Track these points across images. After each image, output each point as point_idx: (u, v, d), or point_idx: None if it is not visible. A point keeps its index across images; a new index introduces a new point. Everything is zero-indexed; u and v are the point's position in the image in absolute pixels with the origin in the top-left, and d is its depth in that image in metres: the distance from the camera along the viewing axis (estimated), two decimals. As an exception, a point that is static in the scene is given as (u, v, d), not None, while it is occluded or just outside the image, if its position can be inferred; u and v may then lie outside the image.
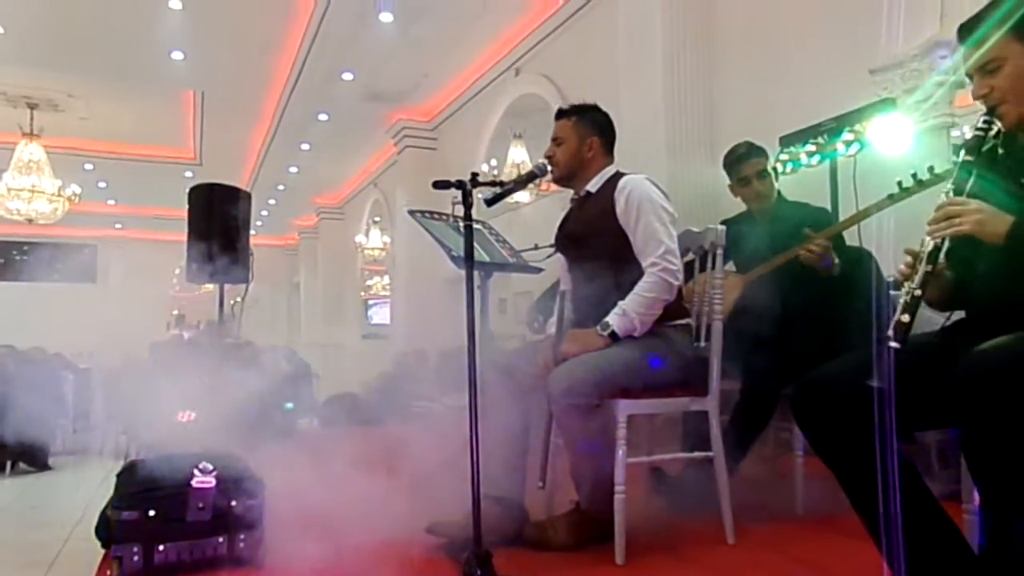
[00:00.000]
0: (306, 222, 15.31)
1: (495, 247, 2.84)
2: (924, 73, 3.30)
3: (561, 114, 2.29)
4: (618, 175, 2.20)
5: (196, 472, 1.81)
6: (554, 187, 6.67)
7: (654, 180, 2.17)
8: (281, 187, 12.60)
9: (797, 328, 2.32)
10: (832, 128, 3.23)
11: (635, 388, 1.98)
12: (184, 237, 4.17)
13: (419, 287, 9.50)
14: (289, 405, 4.15)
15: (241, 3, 6.72)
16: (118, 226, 15.93)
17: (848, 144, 3.14)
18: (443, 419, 5.63)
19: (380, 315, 15.04)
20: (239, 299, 4.52)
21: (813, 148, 3.26)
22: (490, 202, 2.01)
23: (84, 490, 6.17)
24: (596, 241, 2.14)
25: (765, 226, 2.65)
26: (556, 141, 2.27)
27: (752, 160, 2.64)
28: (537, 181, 2.15)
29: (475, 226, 2.66)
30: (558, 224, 2.38)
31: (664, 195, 2.13)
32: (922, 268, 1.29)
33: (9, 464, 5.04)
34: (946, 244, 1.36)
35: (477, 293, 3.30)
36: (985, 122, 1.46)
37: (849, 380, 1.35)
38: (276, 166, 11.65)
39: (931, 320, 1.55)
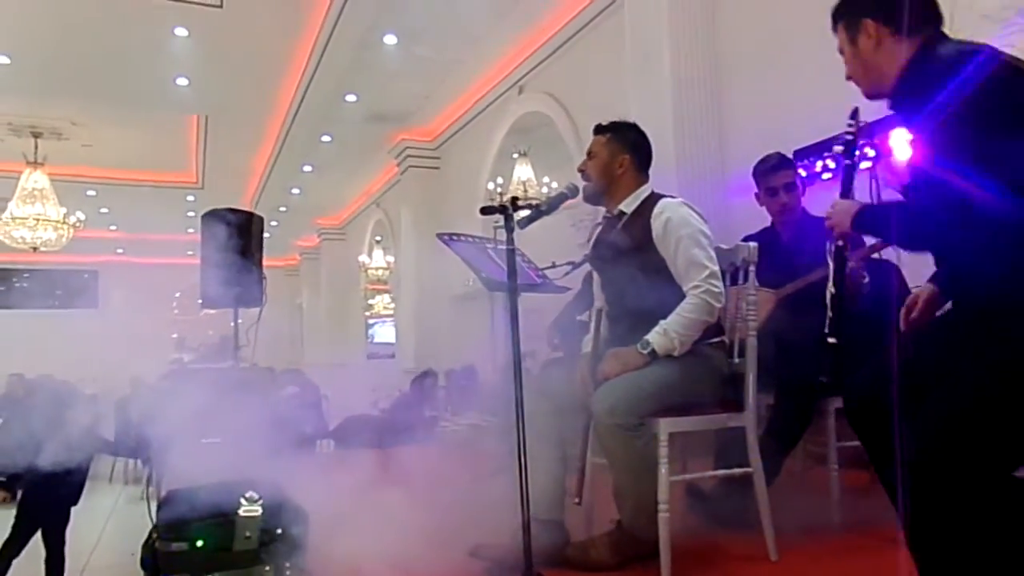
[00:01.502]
0: (308, 243, 15.35)
1: (523, 268, 2.85)
2: (936, 85, 3.34)
3: (598, 130, 2.31)
4: (654, 196, 2.21)
5: (243, 501, 1.81)
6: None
7: (690, 203, 2.19)
8: (283, 208, 12.65)
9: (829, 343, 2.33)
10: (848, 141, 3.26)
11: (675, 406, 1.98)
12: (185, 261, 4.19)
13: (425, 306, 9.51)
14: (308, 428, 4.14)
15: (246, 28, 6.79)
16: (119, 251, 15.94)
17: (864, 158, 3.16)
18: (462, 438, 5.63)
19: (382, 334, 15.02)
20: (255, 323, 4.51)
21: (830, 162, 3.29)
22: (524, 225, 2.02)
23: (97, 518, 6.14)
24: (632, 261, 2.15)
25: (790, 241, 2.66)
26: (589, 155, 2.29)
27: (781, 172, 2.67)
28: (567, 202, 2.17)
29: (503, 248, 2.69)
30: (592, 241, 2.39)
31: (701, 217, 2.15)
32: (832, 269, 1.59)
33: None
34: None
35: (506, 314, 3.32)
36: (850, 125, 1.59)
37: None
38: (278, 188, 11.71)
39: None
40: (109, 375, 11.03)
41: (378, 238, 12.36)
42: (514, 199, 1.86)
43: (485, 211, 1.81)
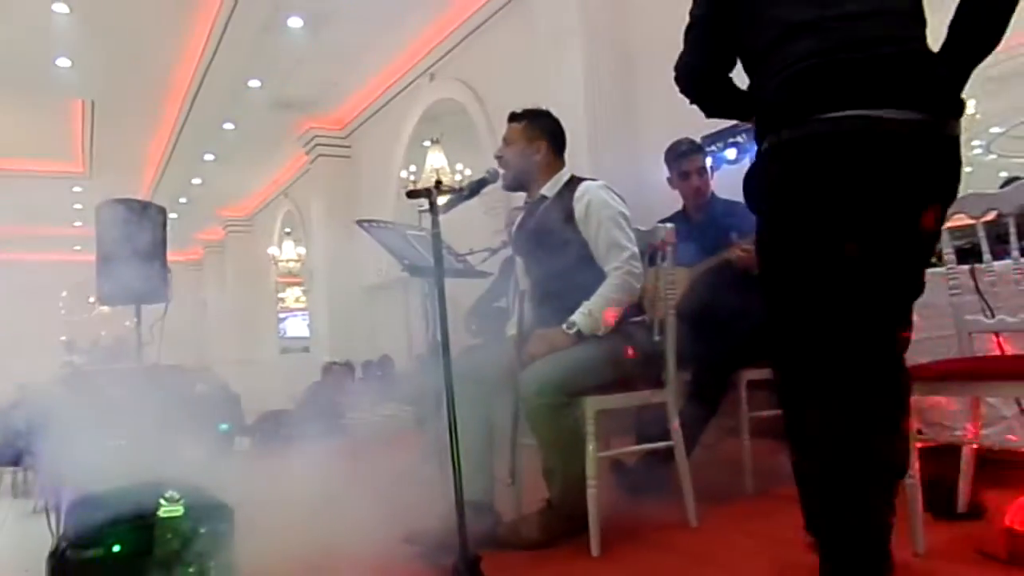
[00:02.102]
0: (212, 235, 14.65)
1: (444, 254, 2.84)
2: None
3: (513, 117, 2.33)
4: (575, 180, 2.26)
5: (162, 501, 1.73)
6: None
7: (610, 186, 2.25)
8: (184, 200, 12.02)
9: (740, 318, 2.45)
10: (751, 128, 3.43)
11: (601, 384, 2.04)
12: (72, 257, 3.93)
13: (338, 297, 9.32)
14: (224, 426, 3.98)
15: (136, 6, 6.36)
16: (-5, 247, 14.68)
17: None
18: (381, 429, 5.56)
19: (294, 328, 14.59)
20: (159, 319, 4.28)
21: (735, 147, 3.45)
22: (445, 209, 2.02)
23: (-19, 535, 5.66)
24: (555, 243, 2.19)
25: (701, 224, 2.78)
26: (506, 142, 2.31)
27: (692, 156, 2.78)
28: (486, 187, 2.18)
29: (423, 234, 2.67)
30: (515, 225, 2.42)
31: (621, 200, 2.21)
32: None
33: None
34: None
35: (426, 301, 3.30)
36: None
37: None
38: (177, 178, 11.09)
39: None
40: (-9, 382, 10.18)
41: (287, 229, 11.97)
42: (438, 182, 1.86)
43: (412, 195, 1.80)
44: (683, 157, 2.80)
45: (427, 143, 7.74)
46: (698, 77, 1.59)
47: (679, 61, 1.60)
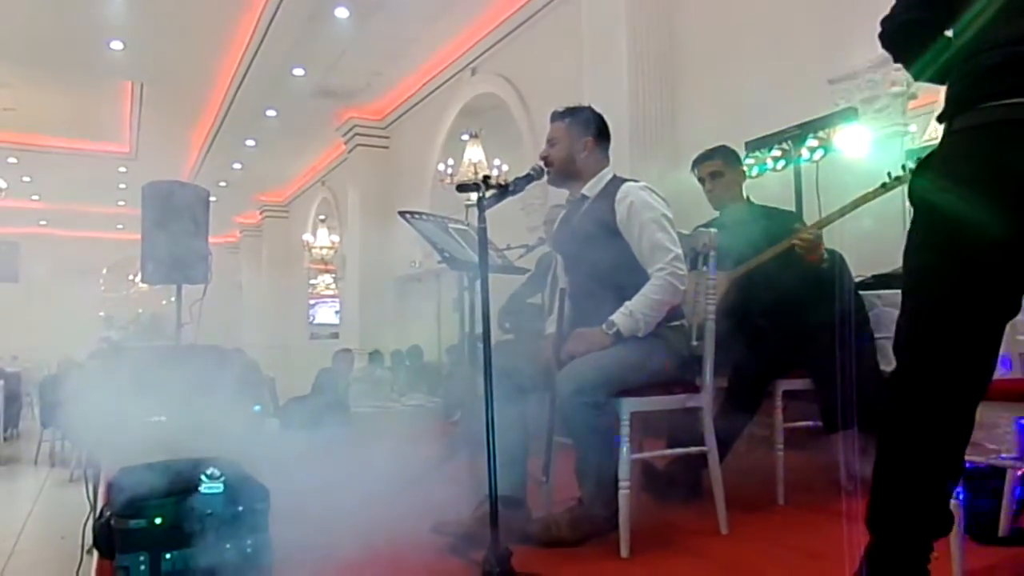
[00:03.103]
0: (249, 219, 14.91)
1: (485, 248, 2.86)
2: (880, 84, 3.50)
3: (556, 116, 2.32)
4: (616, 180, 2.25)
5: (203, 478, 1.77)
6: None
7: (652, 187, 2.23)
8: (224, 183, 12.23)
9: (779, 326, 2.43)
10: (797, 135, 3.39)
11: (637, 386, 2.04)
12: (114, 235, 4.03)
13: (371, 286, 9.42)
14: (257, 407, 4.05)
15: (189, -8, 6.50)
16: (43, 223, 15.13)
17: (812, 150, 3.30)
18: (409, 417, 5.61)
19: (323, 315, 14.77)
20: (198, 300, 4.37)
21: (779, 153, 3.41)
22: (490, 204, 2.02)
23: (21, 501, 5.86)
24: (596, 244, 2.18)
25: (733, 226, 2.74)
26: (551, 142, 2.30)
27: (707, 162, 2.75)
28: (533, 183, 2.18)
29: (464, 227, 2.69)
30: (556, 224, 2.42)
31: (664, 201, 2.20)
32: None
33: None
34: None
35: (462, 294, 3.32)
36: None
37: None
38: (219, 162, 11.31)
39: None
40: (34, 352, 10.49)
41: (322, 217, 12.11)
42: (486, 177, 1.86)
43: (461, 188, 1.81)
44: (700, 161, 2.79)
45: (465, 137, 7.77)
46: (912, 33, 1.40)
47: (890, 16, 1.42)
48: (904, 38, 1.43)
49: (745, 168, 3.50)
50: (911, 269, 1.31)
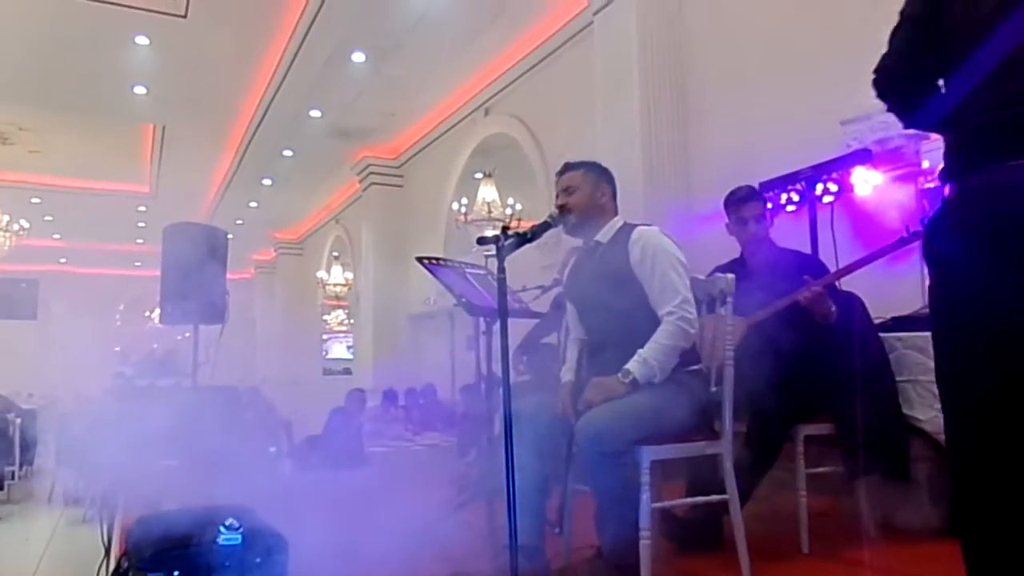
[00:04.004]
0: (263, 256, 15.08)
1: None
2: (892, 125, 3.51)
3: (569, 167, 2.36)
4: (627, 226, 2.28)
5: (222, 529, 1.77)
6: (524, 226, 6.75)
7: (665, 231, 2.25)
8: (240, 221, 12.41)
9: (799, 370, 2.41)
10: (810, 176, 3.40)
11: (657, 434, 2.02)
12: (131, 272, 4.08)
13: (384, 324, 9.44)
14: (272, 449, 4.05)
15: (211, 40, 6.69)
16: (62, 260, 15.37)
17: (827, 192, 3.31)
18: (423, 457, 5.57)
19: (336, 350, 14.81)
20: (216, 340, 4.40)
21: (793, 195, 3.42)
22: (508, 251, 2.04)
23: (35, 541, 5.83)
24: (611, 290, 2.19)
25: (757, 271, 2.75)
26: (568, 191, 2.32)
27: (751, 203, 2.76)
28: (549, 230, 2.21)
29: (481, 272, 2.71)
30: (568, 271, 2.43)
31: (677, 246, 2.21)
32: None
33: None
34: None
35: (476, 334, 3.33)
36: None
37: None
38: (236, 200, 11.49)
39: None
40: (49, 389, 10.55)
41: (336, 254, 12.23)
42: (505, 228, 1.88)
43: (481, 241, 1.84)
44: (742, 203, 2.78)
45: (479, 175, 7.87)
46: (903, 83, 1.40)
47: (881, 64, 1.42)
48: (893, 88, 1.42)
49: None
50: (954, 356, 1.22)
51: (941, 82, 1.36)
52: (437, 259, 2.64)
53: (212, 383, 4.67)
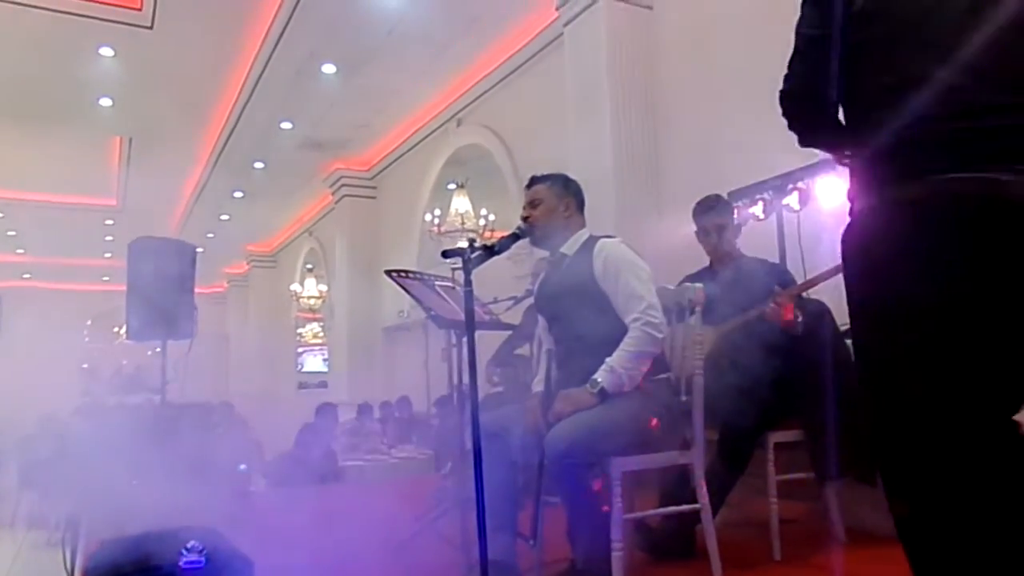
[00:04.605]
0: (236, 269, 14.89)
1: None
2: (855, 135, 3.58)
3: (535, 180, 2.38)
4: (592, 239, 2.30)
5: (184, 552, 1.73)
6: (498, 236, 6.76)
7: (627, 243, 2.28)
8: (211, 235, 12.25)
9: (768, 378, 2.43)
10: (778, 185, 3.45)
11: (627, 444, 2.02)
12: (99, 287, 3.99)
13: (359, 336, 9.37)
14: (242, 467, 3.98)
15: (178, 52, 6.60)
16: (26, 276, 15.01)
17: (794, 201, 3.35)
18: (398, 470, 5.52)
19: (311, 363, 14.64)
20: (184, 355, 4.32)
21: (761, 203, 3.46)
22: (475, 264, 2.03)
23: (-1, 566, 5.65)
24: (577, 302, 2.20)
25: (726, 280, 2.77)
26: (533, 204, 2.34)
27: (720, 212, 2.78)
28: (518, 242, 2.21)
29: (450, 285, 2.70)
30: (537, 284, 2.44)
31: (638, 256, 2.24)
32: None
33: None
34: None
35: (447, 347, 3.31)
36: None
37: None
38: (206, 213, 11.34)
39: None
40: (12, 408, 10.28)
41: (310, 266, 12.12)
42: (471, 241, 1.88)
43: (447, 254, 1.83)
44: (704, 213, 2.81)
45: (452, 186, 7.86)
46: (808, 102, 1.39)
47: (787, 83, 1.42)
48: (793, 107, 1.42)
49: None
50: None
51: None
52: (407, 272, 2.63)
53: (182, 400, 4.58)
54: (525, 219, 2.33)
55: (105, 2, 5.96)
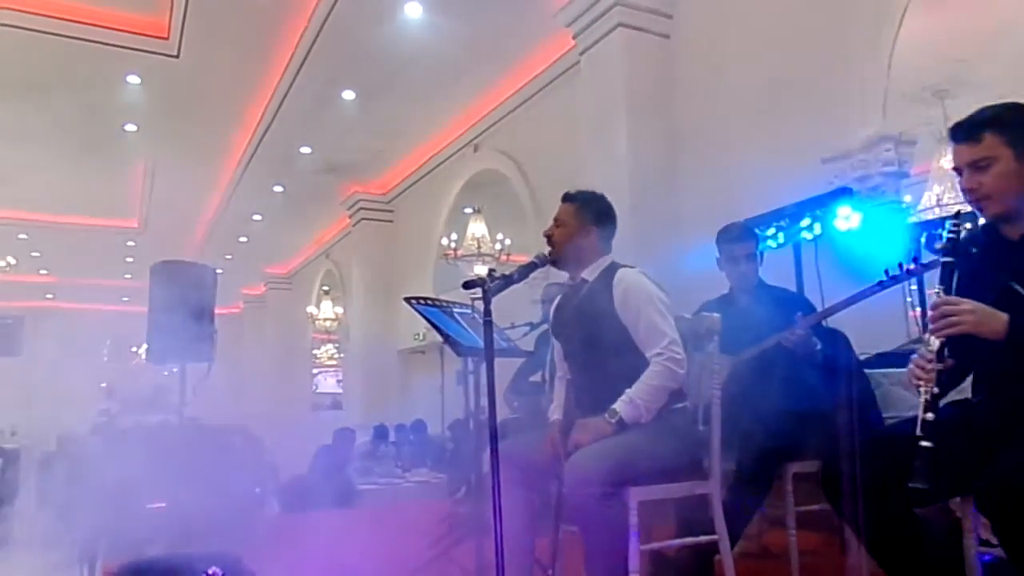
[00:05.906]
0: (253, 291, 15.02)
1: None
2: (871, 163, 3.59)
3: (568, 198, 2.36)
4: (613, 265, 2.29)
5: (205, 577, 1.74)
6: (514, 260, 6.78)
7: (647, 273, 2.27)
8: (229, 256, 12.40)
9: (786, 408, 2.42)
10: (794, 213, 3.45)
11: (644, 474, 2.02)
12: (119, 307, 4.03)
13: (374, 358, 9.40)
14: (258, 489, 3.99)
15: (203, 79, 6.76)
16: (49, 296, 15.24)
17: (810, 228, 3.36)
18: (416, 495, 5.49)
19: (325, 384, 14.71)
20: (203, 378, 4.36)
21: (777, 232, 3.46)
22: (494, 292, 2.05)
23: (14, 587, 5.67)
24: (595, 329, 2.20)
25: (747, 309, 2.77)
26: (557, 222, 2.34)
27: (744, 243, 2.79)
28: (536, 271, 2.23)
29: (467, 311, 2.72)
30: (553, 309, 2.45)
31: (659, 287, 2.23)
32: (934, 367, 1.40)
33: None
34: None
35: (464, 371, 3.32)
36: (955, 225, 1.63)
37: None
38: (226, 236, 11.50)
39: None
40: (33, 428, 10.39)
41: (326, 288, 12.21)
42: (491, 271, 1.90)
43: (467, 286, 1.85)
44: (734, 241, 2.80)
45: (468, 211, 7.92)
46: None
47: None
48: None
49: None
50: None
51: None
52: (426, 299, 2.65)
53: (199, 420, 4.61)
54: (547, 236, 2.33)
55: (134, 32, 6.13)
